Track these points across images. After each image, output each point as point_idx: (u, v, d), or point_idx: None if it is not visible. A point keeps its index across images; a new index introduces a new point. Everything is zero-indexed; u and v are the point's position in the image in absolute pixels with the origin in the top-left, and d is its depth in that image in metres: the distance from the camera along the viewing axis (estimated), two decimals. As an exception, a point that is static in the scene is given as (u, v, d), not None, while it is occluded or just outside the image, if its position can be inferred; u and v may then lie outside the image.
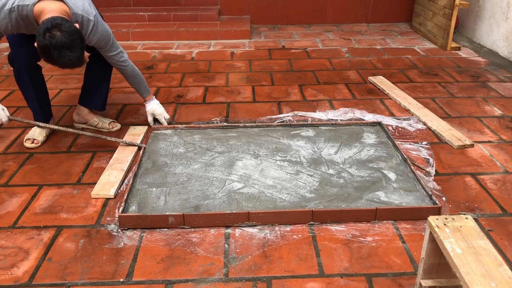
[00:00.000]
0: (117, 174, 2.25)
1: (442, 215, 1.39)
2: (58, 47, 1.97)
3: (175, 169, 2.30)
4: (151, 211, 1.98)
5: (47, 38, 1.96)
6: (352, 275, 1.67)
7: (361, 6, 5.22)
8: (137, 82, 2.64)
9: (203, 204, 2.02)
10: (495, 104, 3.10)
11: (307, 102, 3.15)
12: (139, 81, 2.65)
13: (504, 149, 2.54)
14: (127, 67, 2.54)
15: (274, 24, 5.26)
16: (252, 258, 1.75)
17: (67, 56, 2.01)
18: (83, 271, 1.69)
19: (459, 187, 2.19)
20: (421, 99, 3.18)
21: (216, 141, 2.57)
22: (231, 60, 4.04)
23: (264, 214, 1.91)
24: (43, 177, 2.28)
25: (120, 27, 4.60)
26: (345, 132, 2.67)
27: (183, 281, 1.65)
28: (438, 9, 4.41)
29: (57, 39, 1.96)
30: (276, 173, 2.25)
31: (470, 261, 1.22)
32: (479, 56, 4.13)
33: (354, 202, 2.03)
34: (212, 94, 3.28)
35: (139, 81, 2.65)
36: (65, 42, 1.98)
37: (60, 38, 1.97)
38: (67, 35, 1.98)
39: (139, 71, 2.64)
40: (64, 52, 2.00)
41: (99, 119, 2.75)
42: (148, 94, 2.72)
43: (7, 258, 1.76)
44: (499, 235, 1.87)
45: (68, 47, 2.00)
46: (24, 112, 2.96)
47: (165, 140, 2.60)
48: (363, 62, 3.97)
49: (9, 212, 2.03)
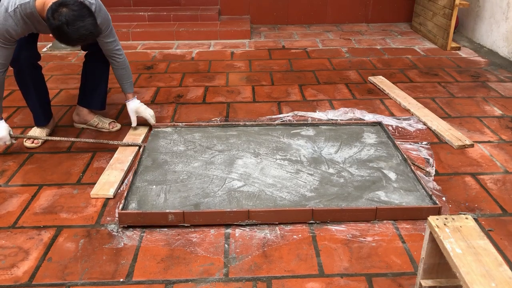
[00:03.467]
0: (117, 174, 2.25)
1: (442, 215, 1.39)
2: (69, 22, 1.99)
3: (175, 167, 2.31)
4: (151, 208, 1.98)
5: (56, 18, 1.99)
6: (352, 275, 1.67)
7: (361, 6, 5.22)
8: (126, 74, 2.57)
9: (203, 202, 2.02)
10: (495, 104, 3.10)
11: (307, 102, 3.15)
12: (128, 73, 2.58)
13: (504, 149, 2.54)
14: (121, 56, 2.50)
15: (274, 24, 5.26)
16: (252, 258, 1.75)
17: (81, 27, 2.01)
18: (83, 271, 1.69)
19: (459, 187, 2.19)
20: (421, 99, 3.18)
21: (216, 140, 2.57)
22: (231, 60, 4.04)
23: (264, 213, 1.91)
24: (43, 177, 2.28)
25: (120, 27, 4.60)
26: (345, 132, 2.67)
27: (183, 281, 1.65)
28: (438, 9, 4.41)
29: (65, 15, 1.98)
30: (276, 172, 2.25)
31: (470, 261, 1.22)
32: (479, 56, 4.13)
33: (354, 202, 2.03)
34: (212, 94, 3.28)
35: (128, 74, 2.59)
36: (74, 14, 2.00)
37: (68, 13, 1.99)
38: (74, 7, 2.01)
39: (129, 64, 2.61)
40: (77, 24, 2.01)
41: (99, 119, 2.75)
42: (132, 91, 2.64)
43: (7, 258, 1.76)
44: (499, 235, 1.87)
45: (78, 18, 2.01)
46: (24, 112, 2.96)
47: (165, 138, 2.60)
48: (363, 62, 3.97)
49: (9, 212, 2.03)
